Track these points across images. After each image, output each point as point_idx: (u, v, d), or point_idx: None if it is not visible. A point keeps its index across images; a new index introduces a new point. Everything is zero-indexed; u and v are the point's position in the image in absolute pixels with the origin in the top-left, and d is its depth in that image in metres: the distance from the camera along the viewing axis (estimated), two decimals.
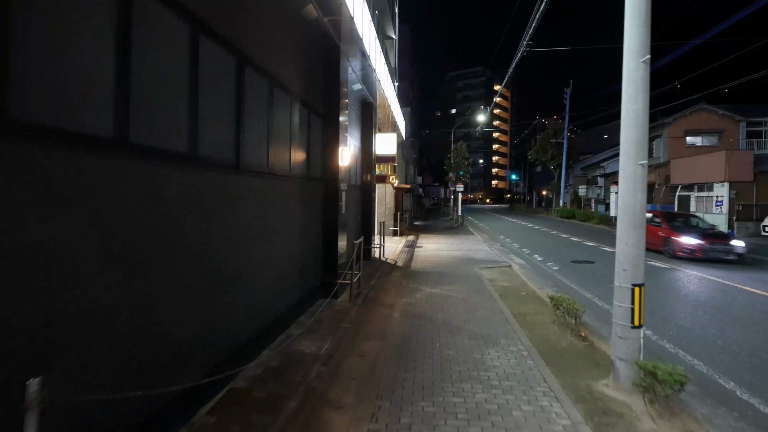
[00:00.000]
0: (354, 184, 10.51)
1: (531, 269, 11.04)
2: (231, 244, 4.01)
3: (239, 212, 4.16)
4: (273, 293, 5.10)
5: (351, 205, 10.05)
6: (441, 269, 10.60)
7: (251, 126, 4.42)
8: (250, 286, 4.45)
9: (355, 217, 10.61)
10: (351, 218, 10.04)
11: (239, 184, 4.16)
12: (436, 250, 14.42)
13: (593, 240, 17.94)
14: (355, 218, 10.61)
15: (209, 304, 3.59)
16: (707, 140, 26.93)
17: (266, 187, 4.83)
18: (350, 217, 9.90)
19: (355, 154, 10.65)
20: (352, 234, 10.07)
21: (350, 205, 9.89)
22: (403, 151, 27.33)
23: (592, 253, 13.96)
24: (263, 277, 4.79)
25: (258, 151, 4.63)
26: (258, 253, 4.63)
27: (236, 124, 4.08)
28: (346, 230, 8.52)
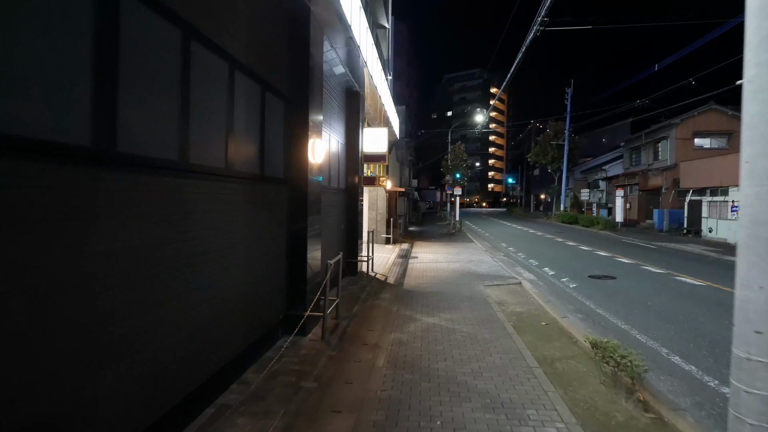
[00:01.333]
0: (336, 188, 8.88)
1: (544, 287, 9.43)
2: (105, 287, 2.37)
3: (117, 232, 2.51)
4: (196, 348, 3.44)
5: (331, 213, 8.40)
6: (439, 287, 8.97)
7: (140, 89, 2.77)
8: (150, 347, 2.80)
9: (337, 226, 8.96)
10: (331, 228, 8.40)
11: (109, 187, 2.50)
12: (433, 262, 12.79)
13: (604, 249, 16.38)
14: (337, 228, 8.97)
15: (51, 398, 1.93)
16: (716, 142, 25.57)
17: (177, 191, 3.17)
18: (330, 227, 8.25)
19: (337, 152, 9.03)
20: (333, 248, 8.42)
21: (330, 213, 8.24)
22: (397, 152, 25.75)
23: (608, 266, 12.37)
24: (175, 328, 3.13)
25: (158, 133, 2.97)
26: (163, 293, 2.97)
27: (96, 76, 2.42)
28: (324, 244, 6.89)
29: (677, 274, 10.92)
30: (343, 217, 9.77)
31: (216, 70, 3.74)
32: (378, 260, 12.68)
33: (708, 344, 5.81)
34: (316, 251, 6.09)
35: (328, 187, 8.15)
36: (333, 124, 8.56)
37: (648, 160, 28.89)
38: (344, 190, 9.83)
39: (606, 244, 18.03)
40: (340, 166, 9.37)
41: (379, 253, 14.34)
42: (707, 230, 20.54)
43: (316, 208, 6.12)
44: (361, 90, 10.09)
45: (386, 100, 13.27)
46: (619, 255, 14.53)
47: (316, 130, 5.93)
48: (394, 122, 16.51)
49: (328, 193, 8.05)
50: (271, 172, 5.13)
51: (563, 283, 9.86)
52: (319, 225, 6.34)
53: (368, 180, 10.52)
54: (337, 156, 9.06)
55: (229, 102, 3.98)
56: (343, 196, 9.68)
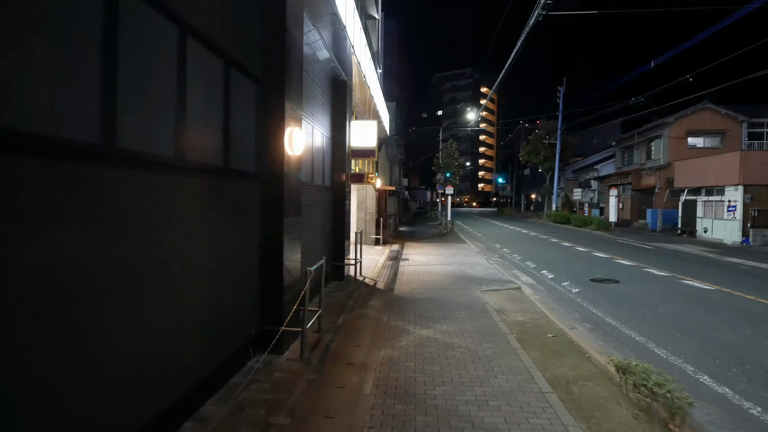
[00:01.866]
0: (319, 185, 8.14)
1: (545, 292, 8.79)
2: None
3: None
4: (132, 387, 2.68)
5: (314, 213, 7.67)
6: (433, 293, 8.28)
7: (37, 41, 2.01)
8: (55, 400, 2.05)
9: (321, 227, 8.22)
10: (314, 230, 7.66)
11: None
12: (425, 264, 12.10)
13: (601, 250, 15.84)
14: (321, 229, 8.22)
15: None
16: (709, 141, 25.30)
17: (99, 184, 2.42)
18: (313, 228, 7.52)
19: (321, 146, 8.29)
20: (317, 251, 7.69)
21: (312, 213, 7.51)
22: (388, 150, 25.07)
23: (609, 268, 11.80)
24: (99, 370, 2.38)
25: (67, 104, 2.22)
26: (73, 329, 2.22)
27: None
28: (305, 248, 6.16)
29: (683, 277, 10.37)
30: (329, 217, 9.04)
31: (158, 31, 2.98)
32: (367, 263, 11.96)
33: (736, 360, 5.19)
34: (294, 257, 5.35)
35: (311, 184, 7.41)
36: (317, 115, 7.82)
37: (641, 159, 28.56)
38: (329, 188, 9.10)
39: (602, 245, 17.52)
40: (325, 162, 8.63)
41: (369, 255, 13.62)
42: (702, 230, 20.17)
43: (295, 207, 5.38)
44: (349, 79, 9.36)
45: (376, 91, 12.54)
46: (617, 256, 13.98)
47: (294, 117, 5.19)
48: (384, 117, 15.80)
49: (310, 191, 7.32)
50: (239, 164, 4.38)
51: (565, 288, 9.23)
52: (299, 227, 5.60)
53: (356, 177, 9.79)
54: (321, 150, 8.32)
55: (180, 74, 3.22)
56: (328, 195, 8.95)
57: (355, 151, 9.71)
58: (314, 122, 7.59)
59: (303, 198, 6.39)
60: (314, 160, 7.65)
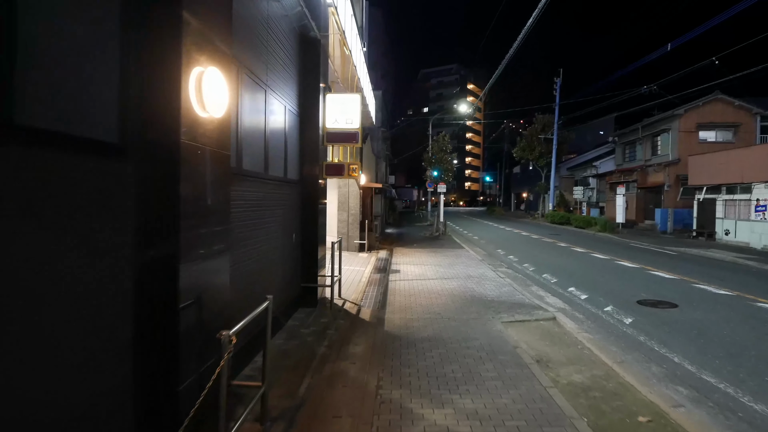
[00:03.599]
0: (279, 178, 5.72)
1: (589, 324, 6.52)
2: None
3: None
4: None
5: (269, 216, 5.23)
6: (438, 327, 5.94)
7: None
8: None
9: (282, 237, 5.79)
10: (269, 241, 5.23)
11: None
12: (420, 278, 9.76)
13: (623, 256, 13.68)
14: (281, 240, 5.79)
15: None
16: (721, 135, 23.51)
17: None
18: (267, 239, 5.09)
19: (284, 124, 5.89)
20: (274, 272, 5.27)
21: (266, 216, 5.08)
22: (373, 144, 22.67)
23: (648, 283, 9.60)
24: None
25: None
26: None
27: None
28: (251, 271, 3.76)
29: (752, 297, 8.18)
30: (296, 222, 6.63)
31: None
32: (349, 277, 9.57)
33: None
34: (211, 297, 2.94)
35: (263, 176, 4.99)
36: (276, 81, 5.42)
37: (645, 155, 26.68)
38: (297, 183, 6.69)
39: (619, 250, 15.41)
40: (289, 147, 6.22)
41: (351, 266, 11.23)
42: (723, 233, 18.26)
43: (211, 207, 2.97)
44: (323, 36, 6.95)
45: (359, 62, 10.14)
46: (649, 266, 11.82)
47: (206, 47, 2.78)
48: (370, 102, 13.39)
49: (262, 185, 4.91)
50: (71, 123, 1.96)
51: (611, 316, 6.98)
52: (224, 242, 3.19)
53: (333, 168, 7.37)
54: (283, 131, 5.91)
55: None
56: (294, 192, 6.54)
57: (332, 134, 7.31)
58: (272, 90, 5.18)
59: (247, 194, 4.00)
60: (269, 143, 5.23)
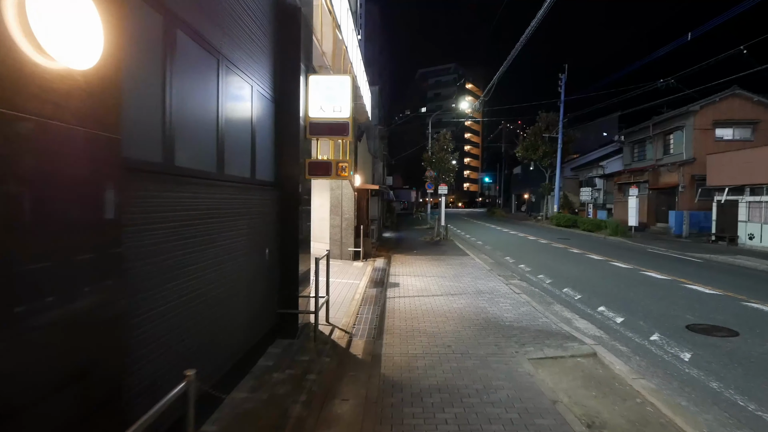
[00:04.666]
0: (245, 179, 4.33)
1: (639, 361, 5.15)
2: None
3: None
4: None
5: (229, 233, 3.82)
6: (448, 369, 4.56)
7: None
8: None
9: (249, 254, 4.38)
10: (237, 260, 3.82)
11: None
12: (423, 295, 8.39)
13: (647, 265, 12.32)
14: (249, 258, 4.38)
15: None
16: (738, 133, 22.23)
17: None
18: (233, 257, 3.68)
19: (252, 111, 4.52)
20: (238, 312, 3.87)
21: (221, 234, 3.66)
22: (370, 143, 21.31)
23: (689, 301, 8.26)
24: None
25: None
26: None
27: None
28: (201, 312, 2.39)
29: None
30: (271, 233, 5.24)
31: None
32: (341, 293, 8.19)
33: None
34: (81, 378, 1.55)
35: (217, 176, 3.60)
36: (238, 53, 4.05)
37: (656, 154, 25.38)
38: (272, 186, 5.32)
39: (639, 258, 14.07)
40: (260, 140, 4.84)
41: (344, 278, 9.85)
42: (746, 237, 16.96)
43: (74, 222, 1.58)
44: (304, 4, 5.58)
45: (351, 44, 8.74)
46: (681, 278, 10.45)
47: None
48: (364, 90, 12.01)
49: (214, 190, 3.52)
50: None
51: (661, 348, 5.61)
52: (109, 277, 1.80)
53: (318, 167, 5.99)
54: (251, 119, 4.54)
55: None
56: (267, 197, 5.16)
57: (316, 124, 5.95)
58: (230, 61, 3.79)
59: (186, 202, 2.66)
60: (226, 133, 3.85)
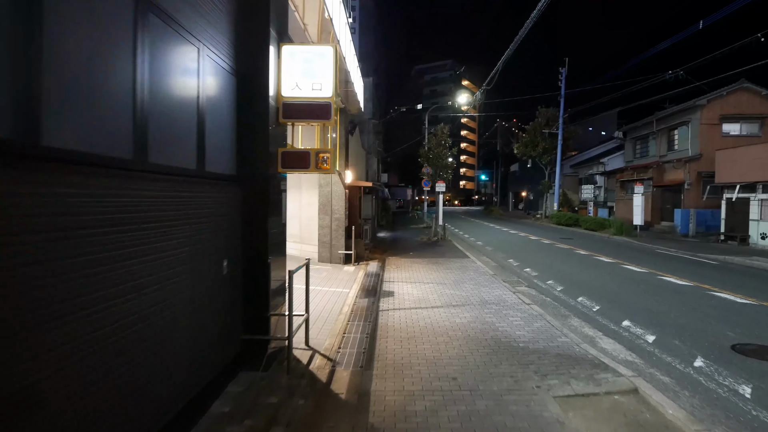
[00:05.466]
0: (193, 171, 3.25)
1: (686, 394, 4.14)
2: None
3: None
4: None
5: (157, 245, 2.69)
6: (456, 418, 3.52)
7: None
8: None
9: (197, 273, 3.31)
10: (169, 287, 2.71)
11: None
12: (421, 306, 7.35)
13: (661, 269, 11.35)
14: (200, 280, 3.31)
15: None
16: (746, 128, 21.35)
17: None
18: (154, 288, 2.55)
19: (200, 82, 3.45)
20: (181, 347, 2.78)
21: (140, 246, 2.53)
22: (363, 138, 20.24)
23: (725, 312, 7.28)
24: None
25: None
26: None
27: None
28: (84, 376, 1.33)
29: None
30: (231, 240, 4.18)
31: None
32: (326, 305, 7.14)
33: None
34: None
35: (135, 165, 2.54)
36: (184, 10, 3.00)
37: (659, 150, 24.47)
38: (232, 181, 4.25)
39: (651, 260, 13.11)
40: (213, 122, 3.78)
41: (332, 286, 8.79)
42: (759, 236, 16.08)
43: None
44: None
45: (338, 16, 7.63)
46: (704, 284, 9.48)
47: None
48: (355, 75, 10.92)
49: (140, 184, 2.45)
50: None
51: (712, 380, 4.61)
52: None
53: (293, 158, 4.92)
54: (198, 93, 3.46)
55: None
56: (226, 194, 4.09)
57: (291, 105, 4.89)
58: (170, 16, 2.72)
59: (72, 202, 1.55)
60: (151, 105, 2.79)
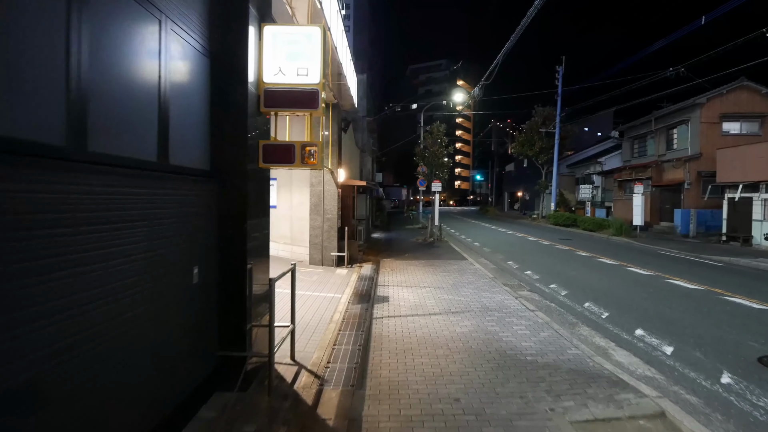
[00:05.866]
0: (154, 164, 2.71)
1: (718, 417, 3.66)
2: None
3: None
4: None
5: (103, 251, 2.13)
6: None
7: None
8: None
9: (160, 281, 2.78)
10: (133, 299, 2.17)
11: None
12: (418, 313, 6.84)
13: (667, 271, 10.92)
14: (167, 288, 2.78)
15: None
16: (746, 127, 21.06)
17: None
18: (94, 302, 2.01)
19: (162, 60, 2.91)
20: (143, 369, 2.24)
21: (72, 254, 1.97)
22: (357, 136, 19.73)
23: (743, 319, 6.83)
24: None
25: None
26: None
27: None
28: None
29: None
30: (202, 244, 3.65)
31: None
32: (316, 312, 6.61)
33: None
34: None
35: (74, 155, 2.02)
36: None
37: (658, 150, 24.16)
38: (205, 176, 3.73)
39: (655, 261, 12.70)
40: (183, 108, 3.26)
41: (323, 290, 8.26)
42: (762, 237, 15.75)
43: None
44: None
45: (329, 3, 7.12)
46: (715, 287, 9.06)
47: None
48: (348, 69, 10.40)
49: (77, 178, 1.92)
50: None
51: (744, 398, 4.13)
52: None
53: (276, 151, 4.40)
54: (159, 72, 2.94)
55: None
56: (198, 191, 3.56)
57: (273, 92, 4.37)
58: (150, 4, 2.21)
59: None
60: (92, 79, 2.27)
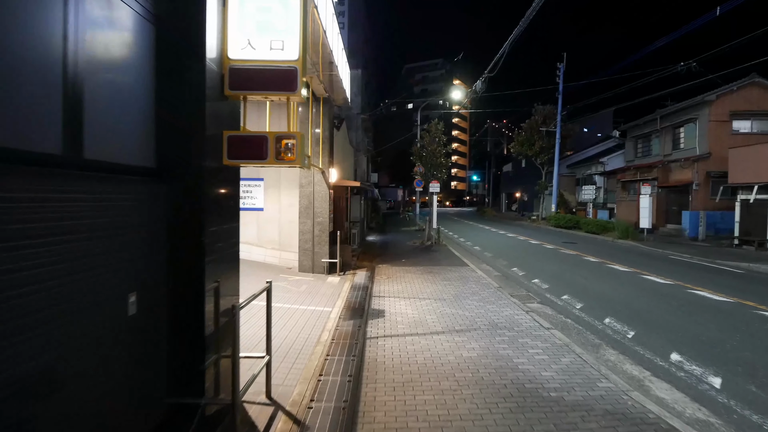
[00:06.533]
0: (72, 159, 1.77)
1: None
2: None
3: None
4: None
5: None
6: None
7: None
8: None
9: (64, 317, 1.85)
10: None
11: None
12: (417, 332, 5.89)
13: (685, 278, 10.05)
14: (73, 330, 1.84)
15: None
16: (757, 125, 20.30)
17: None
18: None
19: (93, 28, 1.94)
20: None
21: None
22: (352, 135, 18.80)
23: None
24: None
25: None
26: None
27: None
28: None
29: None
30: (143, 262, 2.70)
31: None
32: (301, 331, 5.63)
33: None
34: None
35: None
36: None
37: (664, 149, 23.39)
38: (147, 176, 2.77)
39: (670, 268, 11.82)
40: (113, 85, 2.31)
41: (311, 303, 7.28)
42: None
43: None
44: None
45: None
46: (748, 300, 8.18)
47: None
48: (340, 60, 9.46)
49: None
50: None
51: None
52: None
53: (243, 144, 3.48)
54: (62, 35, 1.99)
55: None
56: (135, 195, 2.60)
57: (241, 70, 3.44)
58: None
59: None
60: None
